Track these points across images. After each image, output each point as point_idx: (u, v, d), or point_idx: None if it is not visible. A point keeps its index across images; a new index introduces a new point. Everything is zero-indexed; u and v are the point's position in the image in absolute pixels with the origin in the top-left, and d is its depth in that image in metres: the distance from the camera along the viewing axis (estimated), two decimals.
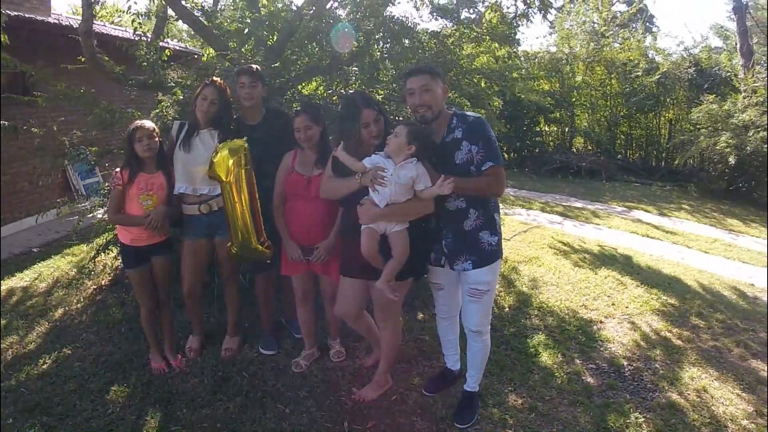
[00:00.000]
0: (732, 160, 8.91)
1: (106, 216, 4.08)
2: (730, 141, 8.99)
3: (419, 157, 2.41)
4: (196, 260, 3.19)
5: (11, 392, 3.04)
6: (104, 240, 4.27)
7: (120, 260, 4.56)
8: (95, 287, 4.46)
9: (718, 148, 9.17)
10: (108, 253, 4.38)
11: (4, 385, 3.11)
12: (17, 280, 4.81)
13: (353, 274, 2.70)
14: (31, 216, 4.54)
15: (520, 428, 2.75)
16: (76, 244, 5.51)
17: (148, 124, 2.99)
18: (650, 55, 12.37)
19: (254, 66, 3.23)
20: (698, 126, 10.17)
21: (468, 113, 2.60)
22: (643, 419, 2.85)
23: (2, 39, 4.15)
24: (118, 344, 3.55)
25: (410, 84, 2.52)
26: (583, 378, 3.24)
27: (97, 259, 4.43)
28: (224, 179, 2.75)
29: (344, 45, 4.24)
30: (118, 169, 2.99)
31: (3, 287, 4.64)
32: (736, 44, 11.02)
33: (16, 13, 5.71)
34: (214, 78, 3.16)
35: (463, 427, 2.74)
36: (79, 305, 4.18)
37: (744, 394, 3.11)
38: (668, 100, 12.06)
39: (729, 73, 10.91)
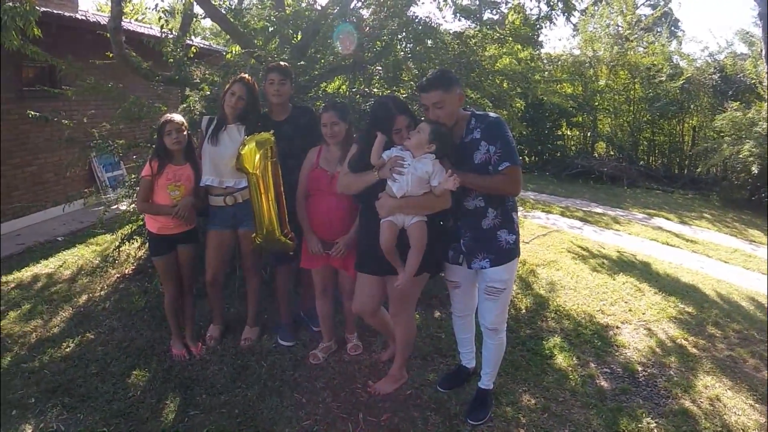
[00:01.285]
0: (755, 169, 8.75)
1: (130, 207, 4.20)
2: (754, 150, 8.83)
3: (437, 155, 2.46)
4: (219, 250, 3.27)
5: (34, 373, 3.13)
6: (128, 230, 4.36)
7: (143, 250, 4.68)
8: (119, 276, 4.57)
9: (741, 156, 9.02)
10: (132, 243, 4.47)
11: (28, 366, 3.21)
12: (42, 267, 4.94)
13: (369, 269, 2.75)
14: (56, 206, 4.66)
15: (532, 427, 2.77)
16: (100, 233, 5.63)
17: (177, 118, 3.07)
18: (674, 60, 12.14)
19: (284, 63, 3.29)
20: (722, 134, 10.01)
21: (487, 113, 2.62)
22: (655, 425, 2.84)
23: (35, 32, 4.28)
24: (140, 331, 3.64)
25: (423, 100, 2.53)
26: (597, 381, 3.24)
27: (121, 249, 4.52)
28: (251, 171, 2.81)
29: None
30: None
31: (27, 273, 4.78)
32: (761, 51, 10.81)
33: (45, 9, 5.86)
34: (243, 74, 3.23)
35: (476, 423, 2.75)
36: (102, 292, 4.29)
37: (757, 405, 3.08)
38: (692, 106, 11.85)
39: (754, 80, 10.68)
